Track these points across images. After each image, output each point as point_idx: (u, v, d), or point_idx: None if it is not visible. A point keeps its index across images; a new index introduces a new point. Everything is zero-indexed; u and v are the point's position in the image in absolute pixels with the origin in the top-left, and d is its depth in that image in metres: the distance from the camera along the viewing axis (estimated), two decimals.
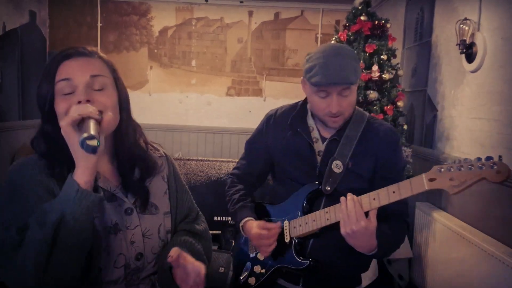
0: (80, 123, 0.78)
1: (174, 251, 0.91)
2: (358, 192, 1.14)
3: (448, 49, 2.57)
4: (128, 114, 0.96)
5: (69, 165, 0.84)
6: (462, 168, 0.98)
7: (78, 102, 0.83)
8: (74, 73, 0.85)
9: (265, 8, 4.40)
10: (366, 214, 1.11)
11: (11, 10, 3.51)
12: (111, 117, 0.84)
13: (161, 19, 4.41)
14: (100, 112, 0.84)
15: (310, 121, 1.35)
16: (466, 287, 2.07)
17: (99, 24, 4.34)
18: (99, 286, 0.88)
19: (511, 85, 1.96)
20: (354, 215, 1.10)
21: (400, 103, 2.75)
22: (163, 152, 1.08)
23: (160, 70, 4.47)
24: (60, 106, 0.85)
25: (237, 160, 1.58)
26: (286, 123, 1.36)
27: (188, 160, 2.86)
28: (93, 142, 0.73)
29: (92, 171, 0.80)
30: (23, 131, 3.56)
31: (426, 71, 2.90)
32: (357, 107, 1.35)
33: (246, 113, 4.46)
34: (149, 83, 4.46)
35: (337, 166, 1.25)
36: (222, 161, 2.84)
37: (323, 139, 1.32)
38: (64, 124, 0.78)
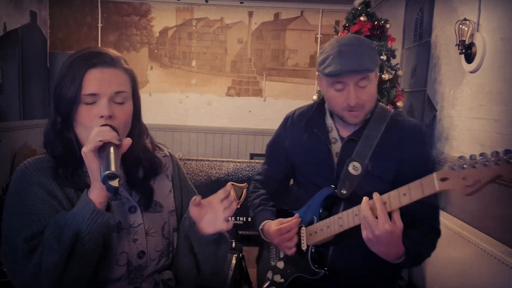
0: (100, 148, 0.81)
1: (196, 197, 0.91)
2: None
3: (448, 49, 2.58)
4: (140, 121, 0.99)
5: (74, 168, 0.88)
6: (476, 164, 0.86)
7: (101, 117, 0.86)
8: (100, 88, 0.87)
9: (265, 8, 4.41)
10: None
11: (12, 10, 3.52)
12: (129, 142, 0.85)
13: (162, 20, 4.42)
14: (118, 133, 0.86)
15: (329, 121, 1.27)
16: (465, 287, 2.07)
17: (99, 25, 4.35)
18: (101, 284, 0.89)
19: (511, 85, 1.96)
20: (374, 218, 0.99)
21: (399, 103, 2.75)
22: (168, 152, 1.10)
23: (160, 70, 4.48)
24: (82, 114, 0.87)
25: (237, 160, 1.58)
26: (304, 124, 1.30)
27: (188, 160, 2.86)
28: (115, 183, 0.76)
29: (107, 192, 0.82)
30: (24, 131, 3.57)
31: (426, 71, 2.90)
32: (380, 103, 1.26)
33: (246, 113, 4.47)
34: (150, 83, 4.47)
35: (354, 168, 1.16)
36: (222, 161, 2.85)
37: (343, 139, 1.23)
38: (86, 150, 0.80)
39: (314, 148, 1.25)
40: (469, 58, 2.26)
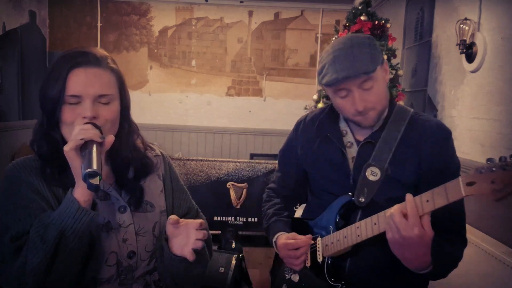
0: (82, 146, 0.80)
1: (173, 217, 0.90)
2: (400, 203, 0.95)
3: (448, 49, 2.57)
4: (128, 121, 0.98)
5: (60, 168, 0.88)
6: (507, 167, 0.78)
7: (84, 118, 0.85)
8: (83, 89, 0.86)
9: (265, 8, 4.40)
10: None
11: (11, 10, 3.51)
12: (112, 139, 0.85)
13: (161, 19, 4.41)
14: (101, 130, 0.85)
15: (343, 124, 1.19)
16: (466, 287, 2.07)
17: (99, 24, 4.34)
18: (91, 284, 0.89)
19: (511, 85, 1.96)
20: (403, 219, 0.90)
21: (400, 103, 2.74)
22: (160, 151, 1.09)
23: (160, 70, 4.47)
24: (66, 115, 0.87)
25: (237, 160, 1.56)
26: (315, 129, 1.22)
27: (188, 160, 2.86)
28: (96, 181, 0.76)
29: (91, 191, 0.82)
30: (23, 131, 3.57)
31: (426, 71, 2.90)
32: (399, 103, 1.17)
33: (246, 113, 4.46)
34: (149, 83, 4.46)
35: (372, 174, 1.08)
36: (222, 161, 2.84)
37: (359, 143, 1.14)
38: (68, 149, 0.79)
39: (328, 154, 1.17)
40: (470, 58, 2.26)
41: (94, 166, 0.76)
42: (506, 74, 2.00)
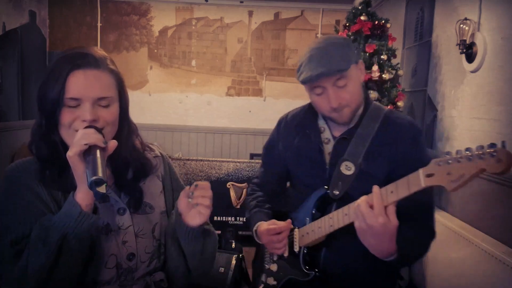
0: (86, 151, 0.80)
1: (186, 188, 0.91)
2: None
3: (448, 49, 2.57)
4: (128, 122, 0.97)
5: (60, 170, 0.87)
6: (461, 159, 0.86)
7: (83, 121, 0.84)
8: (83, 93, 0.85)
9: (265, 8, 4.40)
10: None
11: (11, 10, 3.51)
12: (115, 144, 0.84)
13: (161, 19, 4.41)
14: (103, 134, 0.84)
15: (321, 121, 1.27)
16: (466, 287, 2.07)
17: (99, 24, 4.34)
18: (92, 286, 0.89)
19: (511, 85, 1.96)
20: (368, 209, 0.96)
21: (400, 103, 2.75)
22: (159, 152, 1.09)
23: (160, 70, 4.47)
24: (65, 117, 0.86)
25: (237, 160, 1.58)
26: (295, 126, 1.31)
27: (188, 160, 2.86)
28: (102, 189, 0.75)
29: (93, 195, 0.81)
30: (23, 131, 3.56)
31: (426, 71, 2.90)
32: (375, 102, 1.25)
33: (246, 113, 4.46)
34: (149, 83, 4.46)
35: (347, 168, 1.14)
36: (222, 161, 2.84)
37: (335, 139, 1.22)
38: (71, 154, 0.79)
39: (306, 150, 1.24)
40: (470, 58, 2.26)
41: (100, 173, 0.75)
42: (506, 74, 2.00)
